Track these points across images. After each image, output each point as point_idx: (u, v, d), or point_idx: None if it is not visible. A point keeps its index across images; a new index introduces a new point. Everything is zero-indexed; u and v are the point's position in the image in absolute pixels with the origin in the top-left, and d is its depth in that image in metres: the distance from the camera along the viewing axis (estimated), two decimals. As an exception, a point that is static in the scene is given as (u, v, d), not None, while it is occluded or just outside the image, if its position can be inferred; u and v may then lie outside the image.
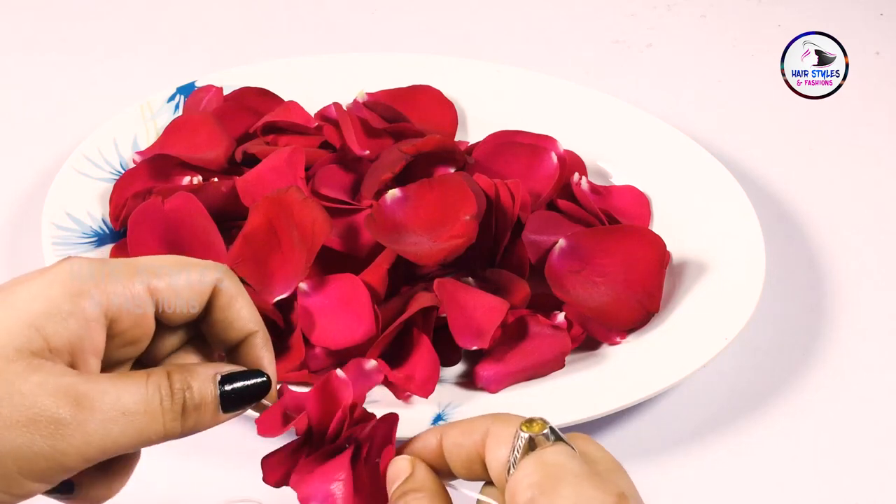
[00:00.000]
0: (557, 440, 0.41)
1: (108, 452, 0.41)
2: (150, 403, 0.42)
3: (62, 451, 0.40)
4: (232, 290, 0.46)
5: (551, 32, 1.04)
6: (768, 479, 0.64)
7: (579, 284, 0.70)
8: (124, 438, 0.41)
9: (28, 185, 0.81)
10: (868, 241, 0.82)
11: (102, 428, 0.40)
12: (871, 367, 0.72)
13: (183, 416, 0.42)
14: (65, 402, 0.40)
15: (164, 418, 0.42)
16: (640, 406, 0.66)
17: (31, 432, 0.39)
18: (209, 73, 0.86)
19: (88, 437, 0.40)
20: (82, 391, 0.40)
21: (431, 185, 0.70)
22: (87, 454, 0.40)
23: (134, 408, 0.41)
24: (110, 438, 0.41)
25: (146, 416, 0.41)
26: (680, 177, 0.80)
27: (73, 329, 0.42)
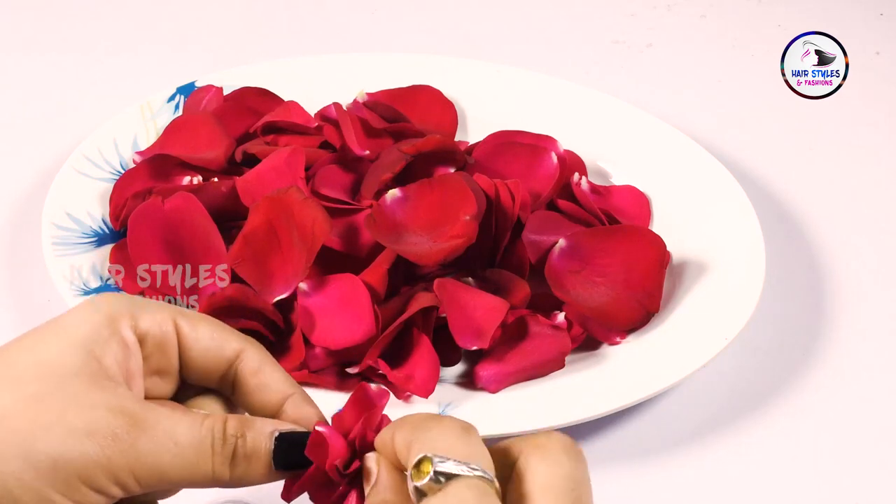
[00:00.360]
0: (451, 479, 0.37)
1: (159, 478, 0.42)
2: (202, 441, 0.43)
3: (116, 465, 0.41)
4: (259, 356, 0.47)
5: (551, 32, 1.04)
6: (768, 479, 0.64)
7: (579, 284, 0.70)
8: (173, 469, 0.42)
9: (28, 185, 0.81)
10: (868, 241, 0.82)
11: (154, 451, 0.42)
12: (871, 367, 0.72)
13: (232, 463, 0.43)
14: (123, 420, 0.42)
15: (213, 460, 0.43)
16: (640, 406, 0.66)
17: (90, 442, 0.41)
18: (209, 73, 0.86)
19: (140, 456, 0.42)
20: (140, 414, 0.42)
21: (431, 185, 0.70)
22: (138, 473, 0.42)
23: (185, 440, 0.43)
24: (161, 464, 0.42)
25: (196, 453, 0.43)
26: (680, 177, 0.80)
27: (116, 351, 0.44)
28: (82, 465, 0.41)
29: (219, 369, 0.47)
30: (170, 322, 0.46)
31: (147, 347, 0.45)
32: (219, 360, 0.47)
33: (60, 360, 0.43)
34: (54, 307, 0.70)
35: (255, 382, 0.46)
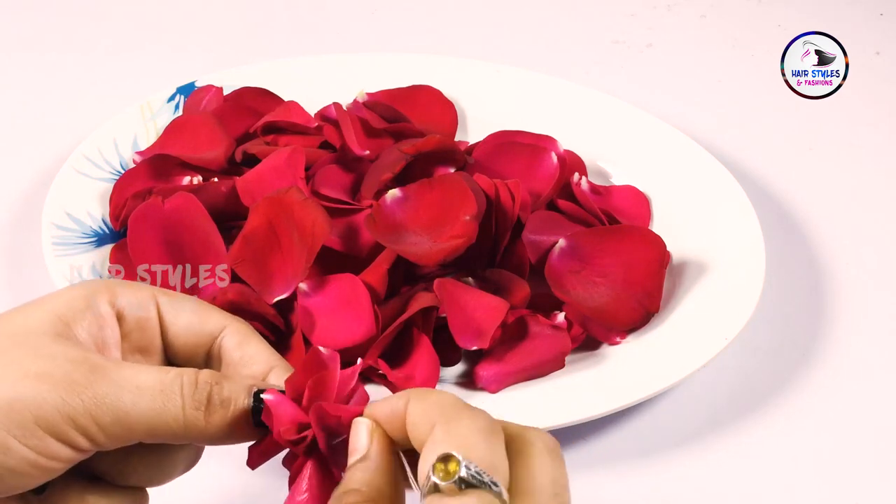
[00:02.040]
0: (470, 487, 0.37)
1: (122, 423, 0.41)
2: (169, 384, 0.42)
3: (73, 407, 0.40)
4: (242, 331, 0.46)
5: (551, 32, 1.04)
6: (768, 479, 0.64)
7: (579, 284, 0.70)
8: (137, 411, 0.41)
9: (28, 185, 0.81)
10: (868, 241, 0.82)
11: (113, 393, 0.41)
12: (871, 367, 0.72)
13: (207, 409, 0.42)
14: (82, 367, 0.41)
15: (183, 403, 0.42)
16: (640, 406, 0.66)
17: (45, 384, 0.40)
18: (209, 73, 0.86)
19: (98, 398, 0.41)
20: (100, 362, 0.42)
21: (431, 185, 0.70)
22: (98, 417, 0.41)
23: (149, 383, 0.42)
24: (122, 405, 0.41)
25: (162, 395, 0.41)
26: (680, 177, 0.80)
27: (89, 322, 0.44)
28: (37, 407, 0.40)
29: (202, 346, 0.46)
30: (150, 300, 0.45)
31: (126, 325, 0.45)
32: (201, 336, 0.46)
33: (28, 324, 0.42)
34: (54, 307, 0.70)
35: (239, 356, 0.46)
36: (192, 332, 0.46)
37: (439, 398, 0.41)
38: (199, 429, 0.42)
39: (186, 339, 0.46)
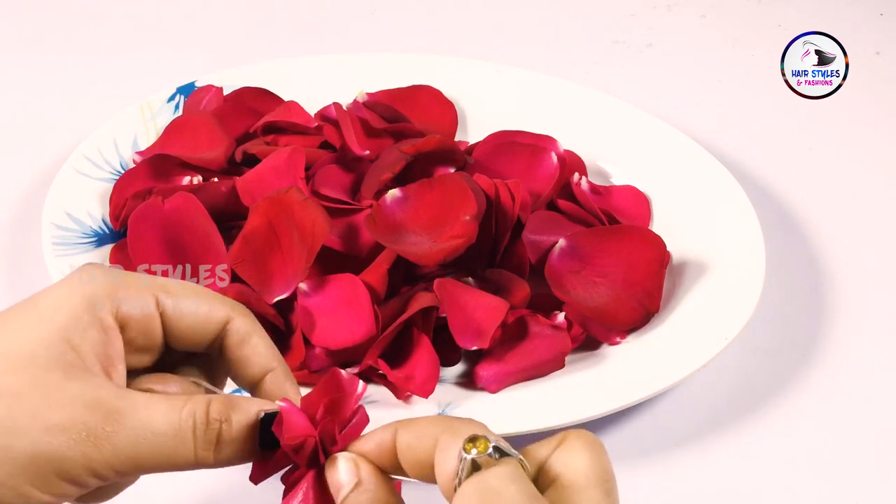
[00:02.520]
0: (503, 456, 0.39)
1: (139, 467, 0.42)
2: (182, 429, 0.43)
3: (93, 459, 0.41)
4: (245, 327, 0.46)
5: (551, 32, 1.04)
6: (768, 479, 0.64)
7: (579, 284, 0.70)
8: (152, 458, 0.42)
9: (28, 185, 0.81)
10: (868, 241, 0.82)
11: (131, 443, 0.42)
12: (871, 367, 0.72)
13: (217, 448, 0.43)
14: (98, 414, 0.42)
15: (195, 445, 0.43)
16: (640, 406, 0.66)
17: (65, 437, 0.41)
18: (209, 73, 0.86)
19: (117, 449, 0.41)
20: (115, 406, 0.42)
21: (431, 185, 0.70)
22: (115, 465, 0.42)
23: (163, 429, 0.42)
24: (138, 455, 0.42)
25: (175, 440, 0.42)
26: (680, 177, 0.80)
27: (94, 339, 0.43)
28: (58, 462, 0.41)
29: (206, 339, 0.46)
30: (152, 302, 0.45)
31: (129, 331, 0.45)
32: (204, 333, 0.46)
33: (37, 351, 0.42)
34: (54, 307, 0.70)
35: (239, 355, 0.46)
36: (195, 331, 0.46)
37: (430, 419, 0.42)
38: (208, 464, 0.43)
39: (190, 336, 0.46)
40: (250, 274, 0.67)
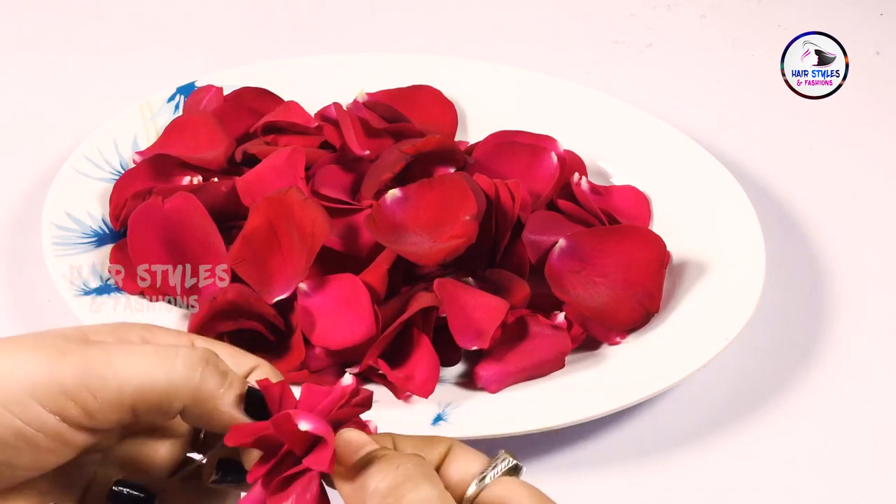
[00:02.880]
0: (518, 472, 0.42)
1: (116, 388, 0.40)
2: (163, 347, 0.41)
3: (66, 375, 0.39)
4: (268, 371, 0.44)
5: (551, 32, 1.04)
6: (768, 479, 0.64)
7: (579, 284, 0.70)
8: (127, 370, 0.40)
9: (28, 185, 0.81)
10: (868, 241, 0.82)
11: (105, 354, 0.40)
12: (871, 367, 0.72)
13: (203, 370, 0.41)
14: (74, 340, 0.41)
15: (177, 360, 0.40)
16: (640, 406, 0.66)
17: (37, 355, 0.39)
18: (209, 73, 0.86)
19: (88, 359, 0.40)
20: (96, 338, 0.41)
21: (431, 185, 0.70)
22: (87, 379, 0.39)
23: (143, 348, 0.41)
24: (111, 367, 0.40)
25: (155, 355, 0.40)
26: (680, 177, 0.80)
27: None
28: (26, 377, 0.39)
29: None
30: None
31: None
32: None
33: None
34: (54, 307, 0.70)
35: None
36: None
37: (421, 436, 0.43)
38: (191, 385, 0.40)
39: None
40: (250, 274, 0.67)
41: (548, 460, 0.64)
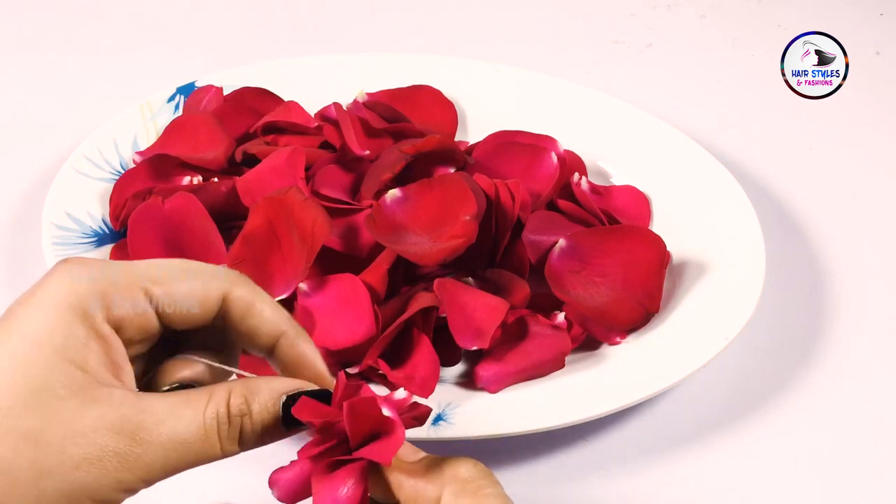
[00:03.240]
0: None
1: (170, 474, 0.43)
2: (208, 432, 0.43)
3: (125, 481, 0.42)
4: (246, 297, 0.46)
5: (551, 32, 1.04)
6: (768, 478, 0.64)
7: (579, 284, 0.70)
8: (183, 463, 0.43)
9: (28, 185, 0.81)
10: (868, 241, 0.82)
11: (161, 457, 0.42)
12: (871, 367, 0.72)
13: (241, 441, 0.44)
14: (124, 437, 0.42)
15: (221, 444, 0.43)
16: (640, 406, 0.66)
17: (97, 469, 0.41)
18: (209, 73, 0.86)
19: (148, 466, 0.42)
20: (139, 423, 0.42)
21: (431, 185, 0.70)
22: (148, 479, 0.42)
23: (191, 438, 0.43)
24: (169, 464, 0.42)
25: (203, 444, 0.43)
26: (680, 177, 0.80)
27: (96, 350, 0.43)
28: (93, 489, 0.41)
29: (205, 320, 0.46)
30: (142, 298, 0.44)
31: (126, 332, 0.44)
32: (203, 313, 0.46)
33: (45, 380, 0.41)
34: (54, 307, 0.70)
35: (245, 327, 0.46)
36: (192, 314, 0.45)
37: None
38: (233, 453, 0.44)
39: (188, 320, 0.45)
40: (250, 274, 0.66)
41: (548, 460, 0.64)
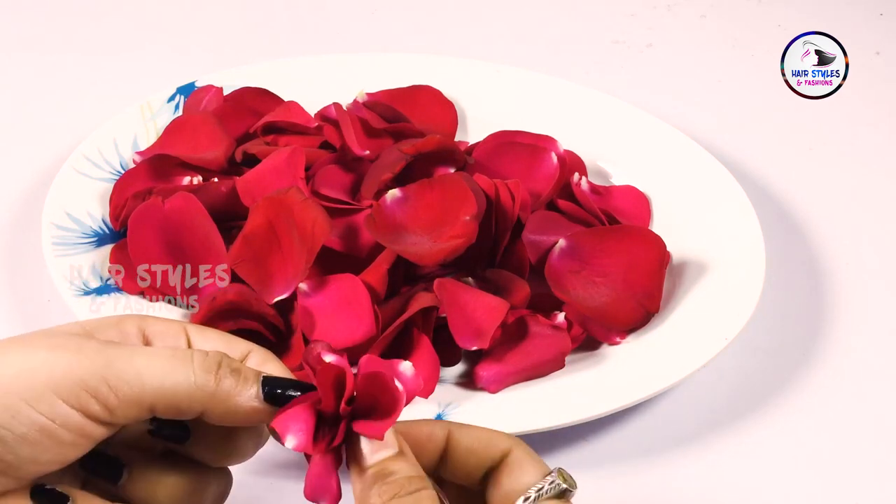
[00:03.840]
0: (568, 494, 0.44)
1: (136, 387, 0.41)
2: (180, 352, 0.42)
3: (86, 370, 0.41)
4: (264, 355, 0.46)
5: (551, 32, 1.04)
6: (768, 479, 0.64)
7: (579, 284, 0.70)
8: (148, 371, 0.41)
9: (28, 185, 0.81)
10: (868, 241, 0.82)
11: (125, 355, 0.41)
12: (871, 367, 0.72)
13: (217, 373, 0.42)
14: (93, 342, 0.42)
15: (194, 366, 0.42)
16: (640, 406, 0.66)
17: (56, 352, 0.41)
18: (209, 73, 0.86)
19: (109, 359, 0.41)
20: (113, 342, 0.42)
21: (431, 185, 0.70)
22: (111, 381, 0.41)
23: (161, 351, 0.42)
24: (134, 366, 0.41)
25: (173, 359, 0.42)
26: (680, 177, 0.80)
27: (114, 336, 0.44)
28: (48, 374, 0.40)
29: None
30: (180, 330, 0.46)
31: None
32: None
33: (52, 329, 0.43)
34: (54, 307, 0.70)
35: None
36: None
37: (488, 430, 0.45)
38: (208, 391, 0.42)
39: None
40: (250, 274, 0.67)
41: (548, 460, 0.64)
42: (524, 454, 0.45)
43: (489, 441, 0.45)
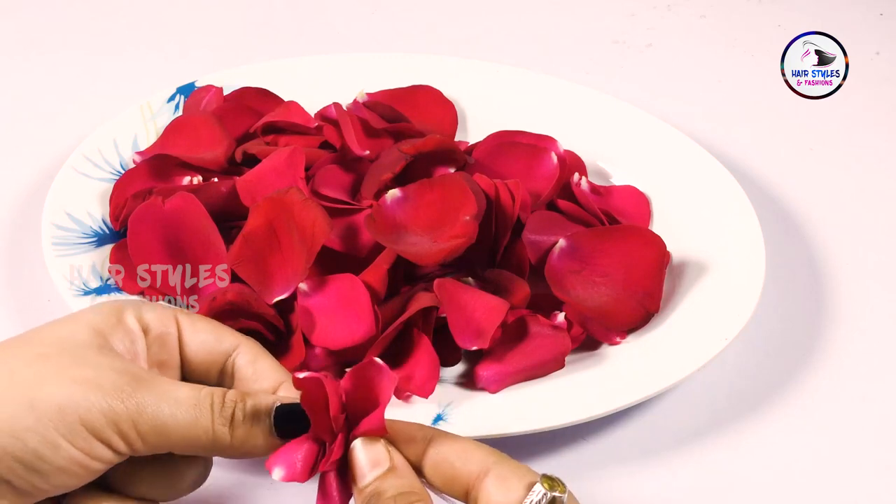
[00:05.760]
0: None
1: (159, 432, 0.44)
2: (202, 400, 0.45)
3: (118, 413, 0.44)
4: (253, 350, 0.50)
5: (551, 32, 1.04)
6: (768, 479, 0.64)
7: (579, 284, 0.70)
8: (173, 423, 0.44)
9: (28, 185, 0.81)
10: (868, 241, 0.82)
11: (154, 403, 0.44)
12: (871, 367, 0.72)
13: (232, 425, 0.45)
14: (126, 377, 0.45)
15: (212, 418, 0.45)
16: (640, 406, 0.66)
17: (93, 391, 0.44)
18: (209, 73, 0.86)
19: (141, 407, 0.44)
20: (143, 375, 0.45)
21: (431, 185, 0.70)
22: (139, 425, 0.44)
23: (185, 398, 0.45)
24: (161, 416, 0.44)
25: (195, 409, 0.45)
26: (680, 177, 0.80)
27: (122, 336, 0.48)
28: (85, 411, 0.43)
29: (217, 363, 0.50)
30: (171, 318, 0.49)
31: (149, 338, 0.49)
32: (216, 353, 0.50)
33: (71, 336, 0.46)
34: (54, 307, 0.70)
35: (251, 372, 0.49)
36: (207, 350, 0.50)
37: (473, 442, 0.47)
38: (224, 442, 0.45)
39: (203, 356, 0.50)
40: (250, 274, 0.67)
41: (548, 460, 0.64)
42: (507, 470, 0.46)
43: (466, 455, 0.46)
